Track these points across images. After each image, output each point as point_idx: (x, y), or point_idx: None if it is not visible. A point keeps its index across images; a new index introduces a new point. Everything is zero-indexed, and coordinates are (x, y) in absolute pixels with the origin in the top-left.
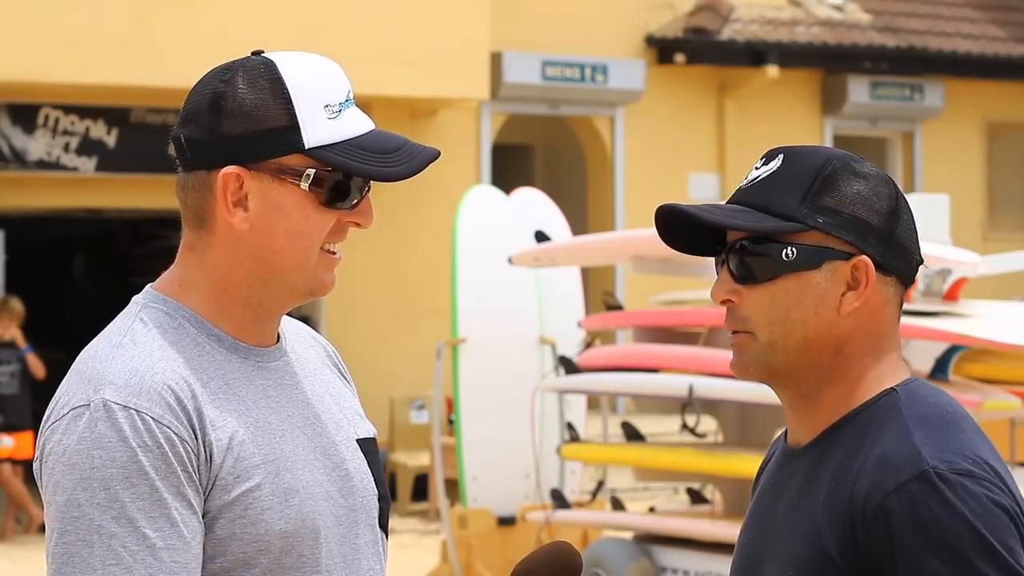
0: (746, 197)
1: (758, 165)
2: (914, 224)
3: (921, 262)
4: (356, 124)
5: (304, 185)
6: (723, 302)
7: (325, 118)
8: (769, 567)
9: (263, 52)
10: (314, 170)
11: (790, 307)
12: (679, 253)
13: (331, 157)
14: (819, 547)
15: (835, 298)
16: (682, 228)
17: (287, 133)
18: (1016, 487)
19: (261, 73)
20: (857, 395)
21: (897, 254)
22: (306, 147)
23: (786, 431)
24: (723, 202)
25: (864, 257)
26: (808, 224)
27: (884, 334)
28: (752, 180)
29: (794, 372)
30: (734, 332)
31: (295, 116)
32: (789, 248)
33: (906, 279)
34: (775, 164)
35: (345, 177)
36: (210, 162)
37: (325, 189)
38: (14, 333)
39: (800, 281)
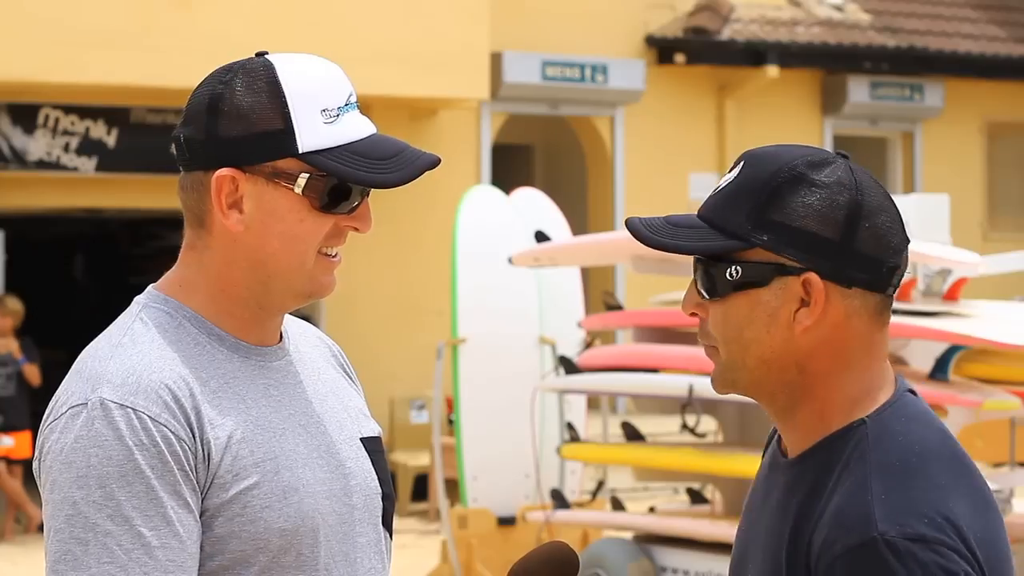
0: (704, 210)
1: (729, 170)
2: (887, 227)
3: (897, 266)
4: (353, 129)
5: (298, 189)
6: (691, 315)
7: (321, 122)
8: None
9: (267, 53)
10: (308, 175)
11: (742, 326)
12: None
13: (325, 162)
14: None
15: (787, 316)
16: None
17: (281, 137)
18: (989, 538)
19: (259, 75)
20: (829, 419)
21: (858, 264)
22: (300, 152)
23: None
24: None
25: (811, 274)
26: (751, 242)
27: (853, 349)
28: (719, 189)
29: (763, 389)
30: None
31: (290, 120)
32: (734, 267)
33: (877, 287)
34: (734, 173)
35: (341, 182)
36: (206, 163)
37: (320, 194)
38: (11, 346)
39: (749, 299)
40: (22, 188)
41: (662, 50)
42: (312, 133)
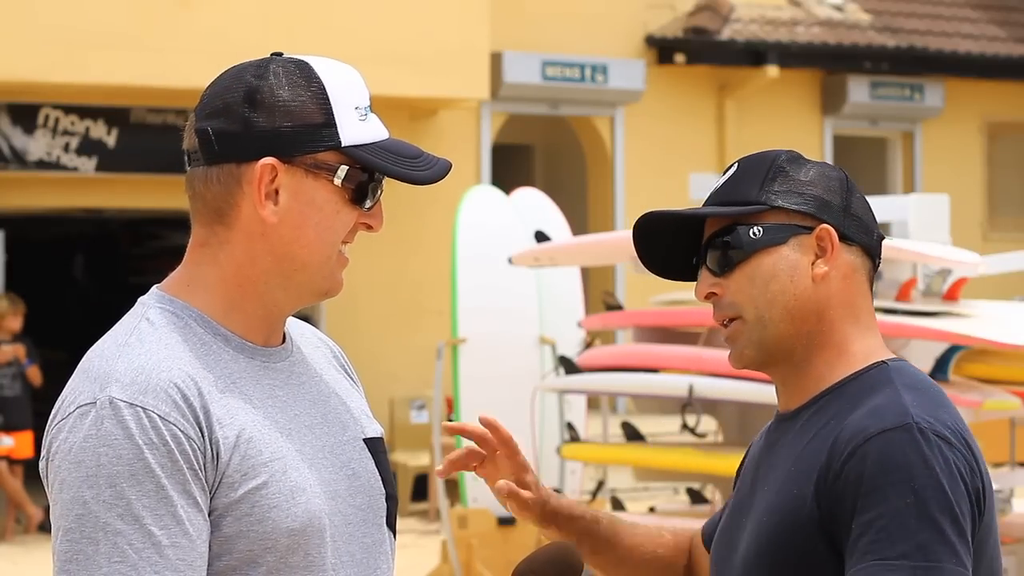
0: (711, 200)
1: (721, 176)
2: (868, 206)
3: (882, 237)
4: (379, 129)
5: (337, 181)
6: (707, 297)
7: (356, 119)
8: (747, 520)
9: (283, 54)
10: (347, 167)
11: (768, 280)
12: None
13: (365, 157)
14: (797, 491)
15: (806, 267)
16: (658, 249)
17: (324, 130)
18: (987, 473)
19: (296, 71)
20: (845, 364)
21: (856, 225)
22: (342, 145)
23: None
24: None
25: (825, 225)
26: (768, 204)
27: (859, 304)
28: (716, 187)
29: (785, 344)
30: (725, 324)
31: (332, 114)
32: (755, 228)
33: (870, 251)
34: (731, 170)
35: (368, 178)
36: (243, 155)
37: (356, 186)
38: (19, 351)
39: (772, 256)
40: (22, 188)
41: (662, 50)
42: (350, 128)
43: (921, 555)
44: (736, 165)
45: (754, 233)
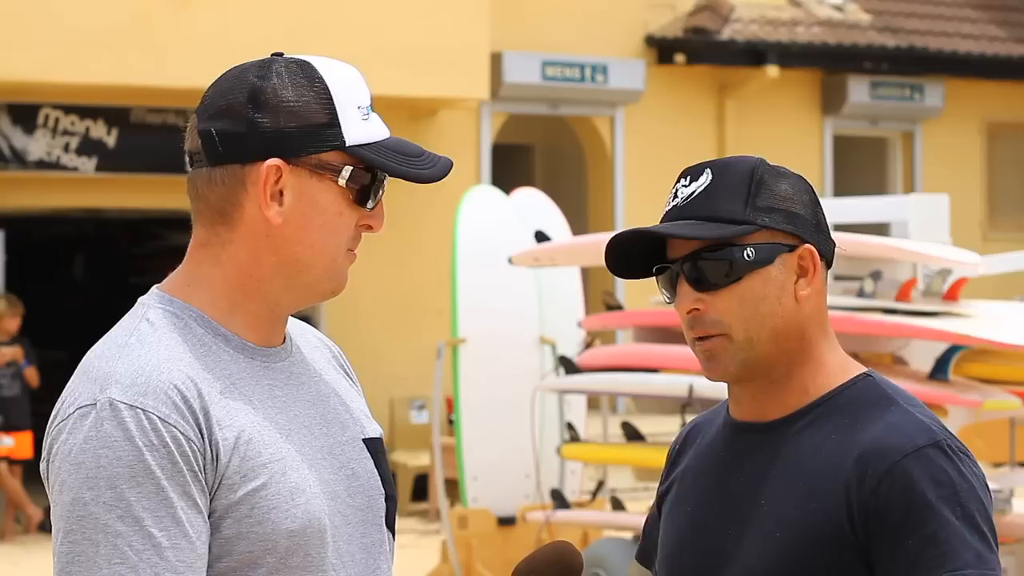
0: (689, 212)
1: (685, 183)
2: (824, 212)
3: (835, 246)
4: (381, 128)
5: (342, 182)
6: (690, 312)
7: (359, 119)
8: (736, 532)
9: (283, 54)
10: (351, 168)
11: (758, 303)
12: None
13: (369, 156)
14: (818, 507)
15: (791, 287)
16: (626, 253)
17: (328, 130)
18: None
19: (298, 71)
20: (825, 377)
21: (825, 240)
22: (347, 144)
23: (724, 412)
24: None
25: (808, 246)
26: (758, 224)
27: (825, 317)
28: (688, 196)
29: (768, 362)
30: (703, 338)
31: (335, 114)
32: (748, 249)
33: (830, 263)
34: (705, 179)
35: (372, 178)
36: (247, 155)
37: (360, 187)
38: (18, 353)
39: (761, 277)
40: (22, 188)
41: (662, 50)
42: (354, 128)
43: (981, 563)
44: (710, 172)
45: (747, 255)
